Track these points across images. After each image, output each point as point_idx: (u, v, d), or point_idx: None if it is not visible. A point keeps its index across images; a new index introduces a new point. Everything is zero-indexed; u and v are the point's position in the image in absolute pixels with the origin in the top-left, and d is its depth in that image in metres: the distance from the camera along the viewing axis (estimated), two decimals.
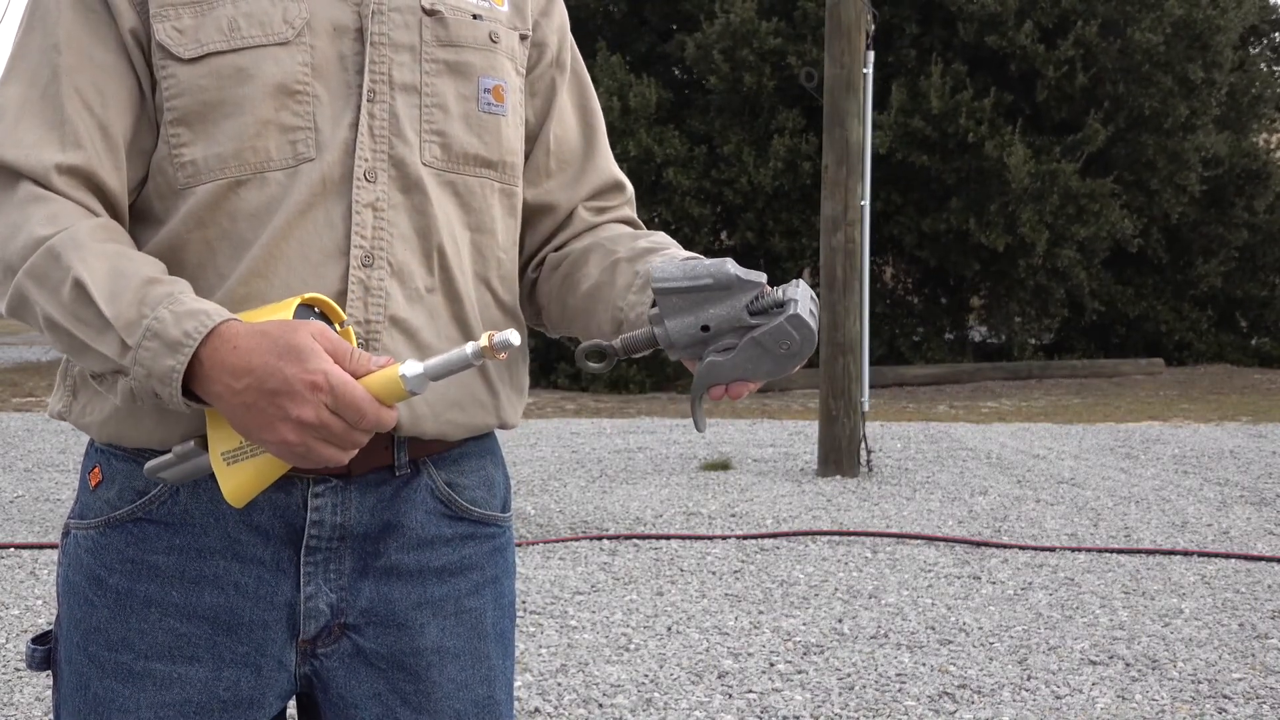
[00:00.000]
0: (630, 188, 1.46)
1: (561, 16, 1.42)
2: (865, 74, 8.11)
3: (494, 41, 1.31)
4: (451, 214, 1.28)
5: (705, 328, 1.14)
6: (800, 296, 1.14)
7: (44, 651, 1.32)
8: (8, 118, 1.20)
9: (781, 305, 1.13)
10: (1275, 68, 19.81)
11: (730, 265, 1.14)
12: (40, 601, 4.84)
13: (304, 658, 1.28)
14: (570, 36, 1.44)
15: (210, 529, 1.24)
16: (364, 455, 1.24)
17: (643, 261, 1.29)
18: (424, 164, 1.26)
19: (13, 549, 5.71)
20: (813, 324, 1.13)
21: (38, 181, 1.17)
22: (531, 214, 1.40)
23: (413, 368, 1.12)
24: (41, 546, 5.73)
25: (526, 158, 1.39)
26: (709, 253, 15.06)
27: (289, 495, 1.25)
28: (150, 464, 1.18)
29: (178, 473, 1.18)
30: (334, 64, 1.23)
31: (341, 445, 1.10)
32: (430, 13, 1.27)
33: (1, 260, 1.17)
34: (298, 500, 1.25)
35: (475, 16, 1.30)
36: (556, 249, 1.40)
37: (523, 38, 1.36)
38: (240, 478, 1.15)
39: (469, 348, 1.13)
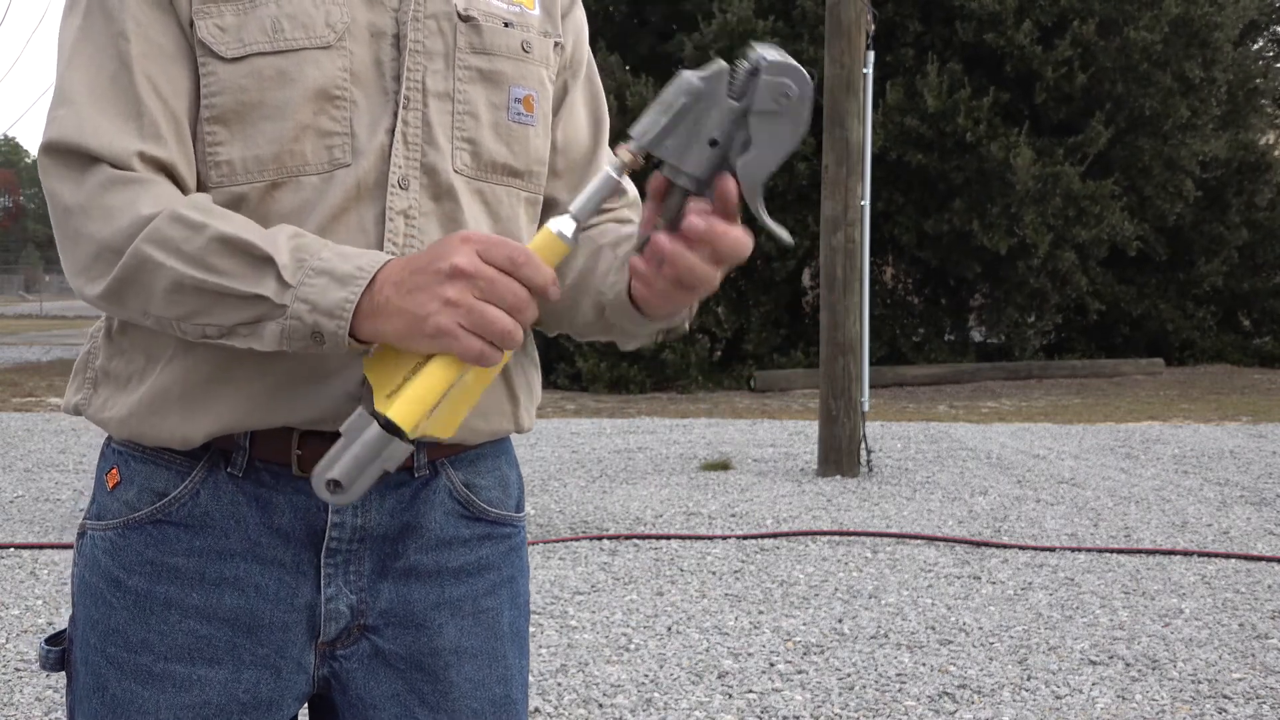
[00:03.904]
0: (632, 192, 1.45)
1: (580, 17, 1.42)
2: (865, 74, 8.11)
3: (526, 51, 1.31)
4: (481, 222, 1.28)
5: (713, 141, 1.09)
6: (763, 50, 1.08)
7: (58, 652, 1.31)
8: (78, 103, 1.17)
9: (754, 70, 1.08)
10: (1277, 65, 19.80)
11: (686, 75, 1.08)
12: (40, 601, 4.84)
13: (323, 659, 1.28)
14: (586, 39, 1.43)
15: (231, 531, 1.24)
16: None
17: (624, 245, 1.28)
18: (455, 171, 1.26)
19: (13, 549, 5.72)
20: (791, 61, 1.07)
21: (120, 167, 1.15)
22: None
23: (563, 222, 1.11)
24: (41, 546, 5.73)
25: None
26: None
27: (310, 498, 1.24)
28: (319, 466, 1.09)
29: (350, 462, 1.09)
30: (371, 70, 1.22)
31: (503, 301, 1.07)
32: (465, 18, 1.27)
33: (98, 242, 1.14)
34: (318, 503, 1.25)
35: (506, 24, 1.30)
36: None
37: (556, 45, 1.36)
38: (403, 399, 1.09)
39: (609, 169, 1.10)
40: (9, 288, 54.27)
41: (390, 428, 1.08)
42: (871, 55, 8.21)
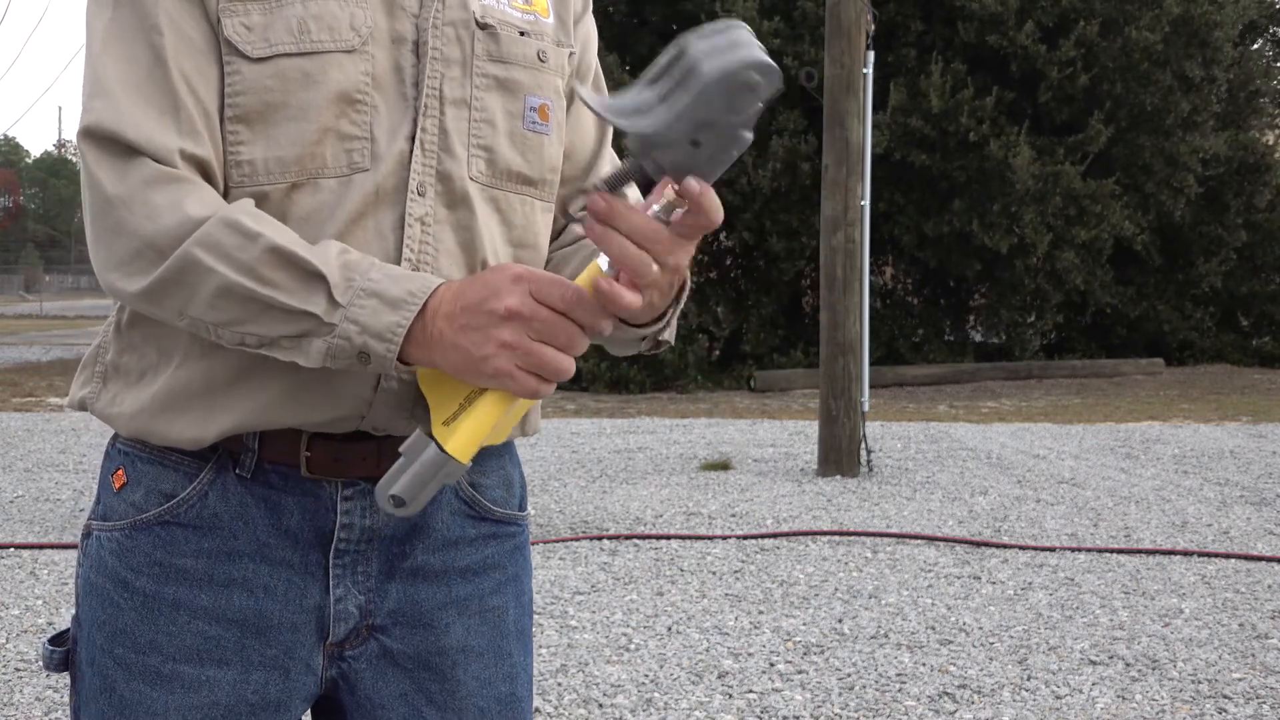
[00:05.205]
0: (634, 196, 1.45)
1: (590, 25, 1.42)
2: (865, 74, 8.12)
3: (542, 60, 1.31)
4: (495, 229, 1.28)
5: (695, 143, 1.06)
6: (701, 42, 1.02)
7: (62, 653, 1.31)
8: (115, 95, 1.16)
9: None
10: (1276, 65, 19.81)
11: (745, 133, 1.05)
12: (40, 601, 4.84)
13: (331, 660, 1.29)
14: (595, 45, 1.43)
15: (239, 532, 1.24)
16: (392, 460, 1.24)
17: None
18: (470, 178, 1.26)
19: (13, 549, 5.72)
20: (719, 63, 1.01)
21: (162, 163, 1.15)
22: None
23: (606, 259, 1.11)
24: (41, 546, 5.73)
25: None
26: (710, 254, 14.89)
27: (318, 499, 1.25)
28: (382, 482, 1.12)
29: (411, 480, 1.12)
30: (391, 75, 1.22)
31: (556, 340, 1.09)
32: (483, 26, 1.27)
33: (141, 239, 1.14)
34: (327, 504, 1.25)
35: (522, 33, 1.30)
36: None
37: (570, 54, 1.36)
38: (461, 434, 1.11)
39: (655, 207, 1.10)
40: (9, 288, 54.26)
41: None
42: (871, 55, 8.22)
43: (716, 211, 1.08)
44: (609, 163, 1.44)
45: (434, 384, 1.14)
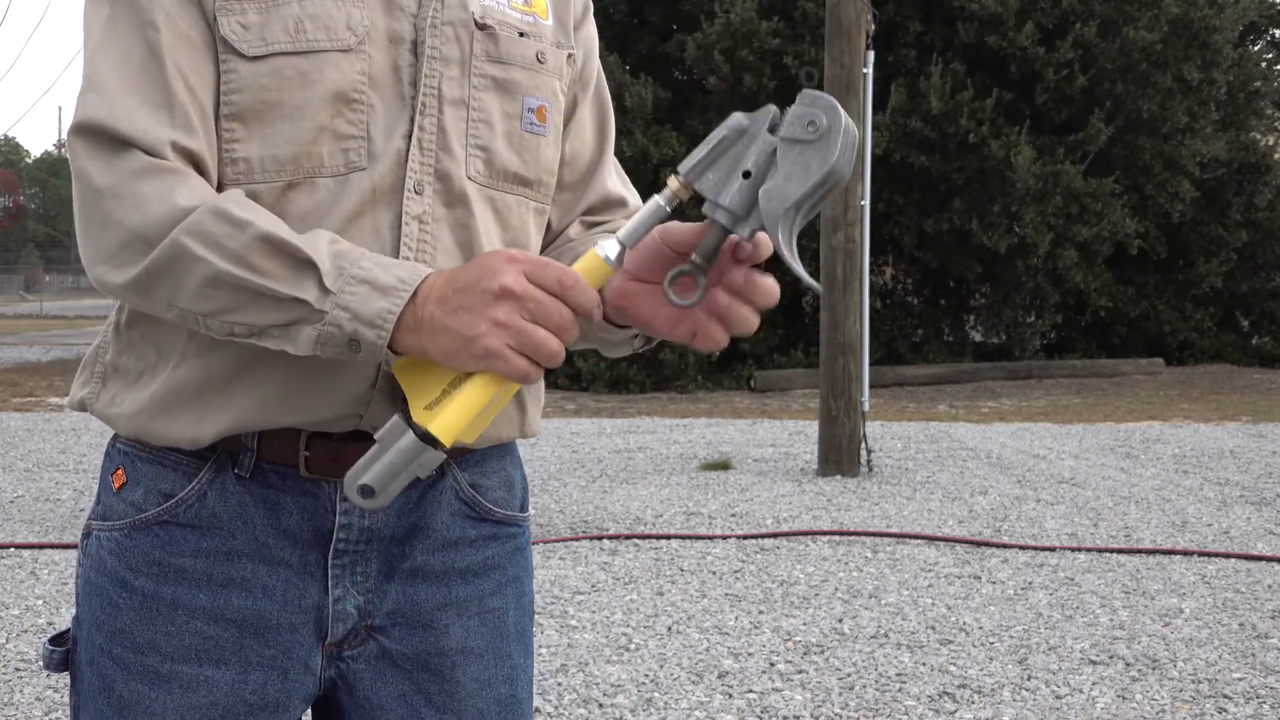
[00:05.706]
0: (634, 201, 1.45)
1: (591, 31, 1.42)
2: (865, 74, 8.12)
3: (540, 61, 1.32)
4: (491, 230, 1.29)
5: (746, 173, 1.08)
6: (809, 90, 1.10)
7: (62, 653, 1.31)
8: (110, 90, 1.16)
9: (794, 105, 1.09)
10: (1276, 67, 19.81)
11: (735, 114, 1.09)
12: (40, 601, 4.84)
13: (329, 661, 1.29)
14: (597, 51, 1.44)
15: (238, 532, 1.24)
16: None
17: (602, 234, 1.28)
18: (468, 178, 1.26)
19: (13, 549, 5.72)
20: (829, 97, 1.08)
21: (152, 155, 1.15)
22: None
23: (608, 245, 1.11)
24: (41, 546, 5.73)
25: None
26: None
27: (317, 499, 1.25)
28: (352, 471, 1.09)
29: (384, 468, 1.09)
30: (388, 75, 1.23)
31: (549, 322, 1.07)
32: (482, 26, 1.28)
33: (129, 229, 1.13)
34: (325, 504, 1.25)
35: (521, 34, 1.30)
36: None
37: (569, 56, 1.36)
38: (445, 415, 1.09)
39: (660, 198, 1.10)
40: (9, 288, 54.22)
41: (428, 439, 1.09)
42: (871, 55, 8.22)
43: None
44: (610, 171, 1.44)
45: (412, 373, 1.13)
